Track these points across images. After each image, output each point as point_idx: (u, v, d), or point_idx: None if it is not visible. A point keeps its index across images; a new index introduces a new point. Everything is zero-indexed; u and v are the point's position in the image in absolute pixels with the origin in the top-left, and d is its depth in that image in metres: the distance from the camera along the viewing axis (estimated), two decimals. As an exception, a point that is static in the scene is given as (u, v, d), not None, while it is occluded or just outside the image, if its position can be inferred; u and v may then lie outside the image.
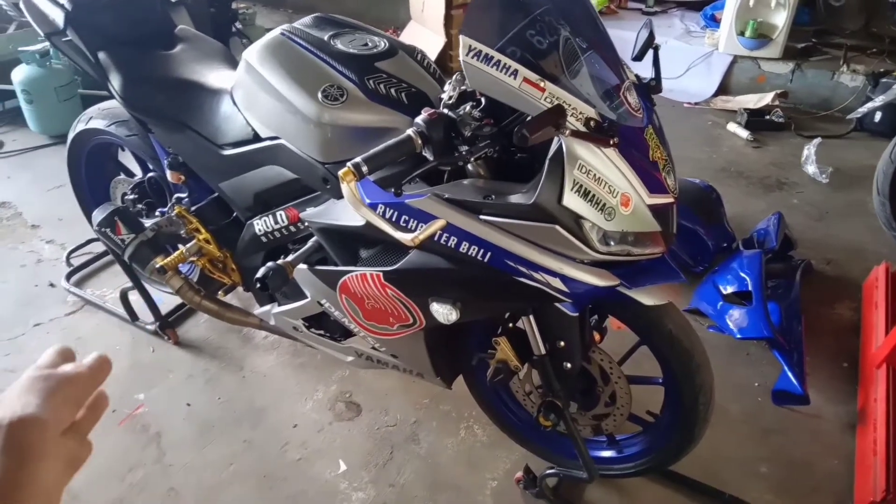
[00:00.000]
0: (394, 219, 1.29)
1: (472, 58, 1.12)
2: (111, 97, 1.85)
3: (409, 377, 1.74)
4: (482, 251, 1.23)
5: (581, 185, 1.13)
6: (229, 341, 2.32)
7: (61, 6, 1.73)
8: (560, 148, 1.13)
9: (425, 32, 4.78)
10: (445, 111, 1.20)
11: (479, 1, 1.15)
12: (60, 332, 2.37)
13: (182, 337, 2.33)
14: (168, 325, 2.31)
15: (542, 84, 1.11)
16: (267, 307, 1.84)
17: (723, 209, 2.63)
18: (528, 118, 1.11)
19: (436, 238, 1.24)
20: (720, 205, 2.64)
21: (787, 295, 2.34)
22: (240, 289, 2.03)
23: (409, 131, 1.15)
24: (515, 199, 1.18)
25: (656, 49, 1.39)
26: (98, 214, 1.92)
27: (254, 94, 1.51)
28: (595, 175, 1.14)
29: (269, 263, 1.53)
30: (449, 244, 1.25)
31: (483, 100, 1.20)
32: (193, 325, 2.38)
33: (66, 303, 2.52)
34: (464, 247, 1.24)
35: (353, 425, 1.99)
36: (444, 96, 1.26)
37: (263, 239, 1.73)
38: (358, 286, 1.47)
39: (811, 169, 3.34)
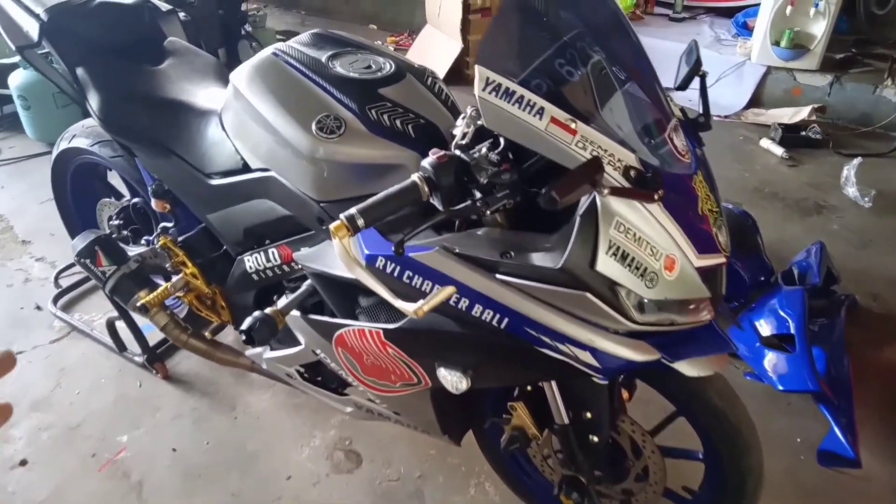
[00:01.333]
0: (395, 274, 1.11)
1: (490, 93, 0.93)
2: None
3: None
4: (498, 316, 1.04)
5: (618, 247, 0.94)
6: (222, 376, 2.15)
7: (36, 16, 1.56)
8: (593, 202, 0.94)
9: (441, 37, 4.59)
10: (457, 153, 1.01)
11: (497, 24, 0.96)
12: (44, 362, 2.21)
13: (171, 370, 2.17)
14: (156, 357, 2.15)
15: (572, 125, 0.92)
16: (258, 350, 1.66)
17: (760, 238, 2.42)
18: (556, 171, 0.92)
19: (444, 299, 1.06)
20: (756, 233, 2.43)
21: (830, 336, 2.13)
22: (231, 327, 1.86)
23: (415, 177, 0.96)
24: (539, 259, 0.99)
25: (703, 77, 1.19)
26: (79, 243, 1.75)
27: (242, 121, 1.34)
28: (635, 234, 0.95)
29: (256, 313, 1.36)
30: (459, 306, 1.06)
31: (502, 140, 1.02)
32: (184, 357, 2.21)
33: (53, 328, 2.36)
34: (477, 310, 1.05)
35: (353, 478, 1.82)
36: (457, 134, 1.07)
37: (255, 277, 1.55)
38: (356, 341, 1.29)
39: (851, 191, 3.11)
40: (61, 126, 2.83)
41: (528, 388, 1.34)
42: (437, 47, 4.57)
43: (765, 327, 2.06)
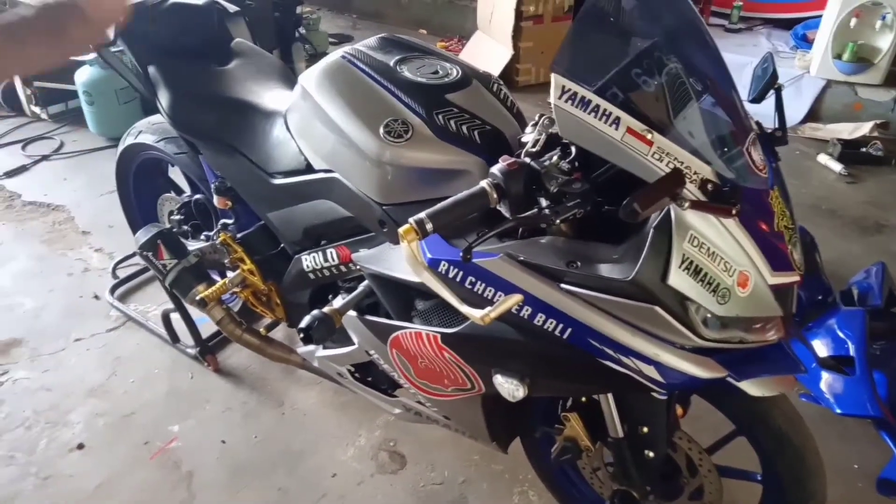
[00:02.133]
0: (458, 279, 1.11)
1: (566, 101, 0.92)
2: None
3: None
4: (561, 326, 1.03)
5: (691, 262, 0.92)
6: (270, 371, 2.18)
7: (113, 16, 1.62)
8: (667, 214, 0.92)
9: (491, 44, 4.60)
10: (527, 160, 1.01)
11: (575, 31, 0.95)
12: (100, 350, 2.28)
13: (222, 363, 2.21)
14: (208, 349, 2.19)
15: (649, 136, 0.91)
16: (311, 347, 1.68)
17: (818, 256, 2.35)
18: (625, 182, 0.91)
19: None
20: (815, 251, 2.36)
21: (892, 360, 2.05)
22: (284, 323, 1.89)
23: (484, 183, 0.97)
24: (607, 270, 0.98)
25: (779, 90, 1.17)
26: (142, 236, 1.81)
27: (309, 122, 1.36)
28: (709, 250, 0.93)
29: (315, 312, 1.37)
30: (522, 314, 1.06)
31: (573, 148, 1.01)
32: (234, 351, 2.25)
33: (109, 317, 2.43)
34: (539, 319, 1.05)
35: (397, 479, 1.82)
36: (528, 141, 1.07)
37: (311, 276, 1.57)
38: (411, 344, 1.30)
39: (914, 211, 3.00)
40: (122, 121, 2.94)
41: (583, 399, 1.33)
42: (487, 53, 4.57)
43: (822, 348, 2.00)
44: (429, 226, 0.92)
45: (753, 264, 0.95)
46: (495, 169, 0.98)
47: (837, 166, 3.43)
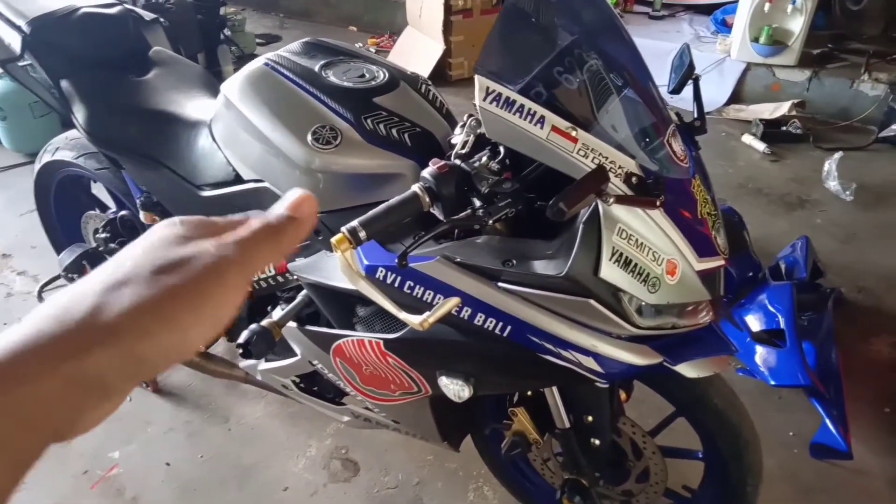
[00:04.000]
0: (396, 284, 1.10)
1: (491, 102, 0.93)
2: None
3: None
4: (501, 324, 1.04)
5: (621, 254, 0.94)
6: (214, 388, 2.12)
7: (18, 28, 1.53)
8: (595, 209, 0.94)
9: (423, 39, 4.59)
10: (458, 162, 1.01)
11: (496, 33, 0.95)
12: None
13: (162, 383, 2.14)
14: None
15: (573, 133, 0.93)
16: (252, 361, 1.64)
17: (747, 234, 2.45)
18: (555, 178, 0.92)
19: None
20: (743, 229, 2.46)
21: (818, 330, 2.16)
22: (224, 339, 1.84)
23: (415, 188, 0.96)
24: (542, 267, 0.99)
25: (696, 80, 1.20)
26: (66, 257, 1.73)
27: (234, 132, 1.32)
28: (637, 240, 0.95)
29: (253, 326, 1.34)
30: (462, 315, 1.06)
31: (502, 148, 1.01)
32: (174, 369, 2.18)
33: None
34: (479, 319, 1.05)
35: (350, 487, 1.80)
36: (456, 143, 1.07)
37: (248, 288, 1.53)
38: (354, 351, 1.28)
39: (833, 185, 3.15)
40: (39, 136, 2.79)
41: (529, 393, 1.35)
42: (418, 49, 4.56)
43: (755, 323, 2.09)
44: (362, 234, 0.91)
45: (680, 252, 0.98)
46: (426, 172, 0.98)
47: (761, 146, 3.57)
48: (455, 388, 1.17)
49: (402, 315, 0.92)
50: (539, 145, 0.93)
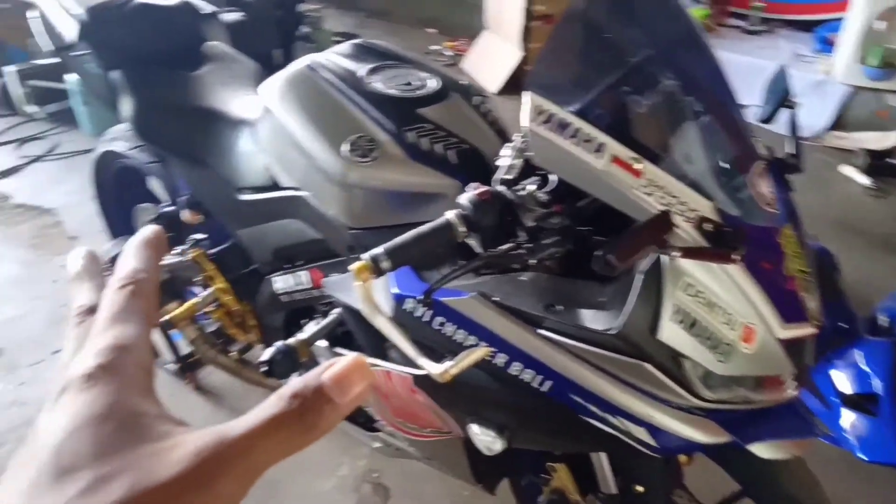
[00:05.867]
0: (426, 319, 0.98)
1: (541, 124, 0.79)
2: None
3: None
4: (540, 378, 0.91)
5: (686, 313, 0.79)
6: (252, 393, 2.05)
7: (76, 17, 1.51)
8: (658, 258, 0.79)
9: (500, 44, 4.46)
10: (501, 189, 0.88)
11: (553, 44, 0.82)
12: (78, 364, 2.18)
13: (203, 382, 2.10)
14: (188, 367, 2.07)
15: (637, 165, 0.78)
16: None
17: (840, 279, 2.19)
18: (616, 214, 0.78)
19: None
20: (836, 273, 2.20)
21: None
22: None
23: (449, 215, 0.84)
24: (590, 318, 0.85)
25: (793, 108, 1.03)
26: (112, 249, 1.71)
27: (272, 136, 1.24)
28: (707, 299, 0.79)
29: (279, 344, 1.25)
30: (496, 362, 0.93)
31: (553, 176, 0.88)
32: (215, 369, 2.14)
33: (91, 329, 2.34)
34: (515, 368, 0.92)
35: (378, 515, 1.70)
36: (501, 166, 0.94)
37: (283, 298, 1.46)
38: (383, 382, 1.17)
39: (946, 227, 2.82)
40: (118, 123, 2.84)
41: (572, 447, 1.20)
42: (495, 54, 4.43)
43: (844, 383, 1.84)
44: (385, 264, 0.81)
45: (760, 316, 0.81)
46: (463, 198, 0.86)
47: (863, 179, 3.24)
48: (486, 440, 1.04)
49: (421, 361, 0.81)
50: (594, 177, 0.79)
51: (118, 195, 2.06)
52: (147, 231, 0.32)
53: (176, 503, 0.22)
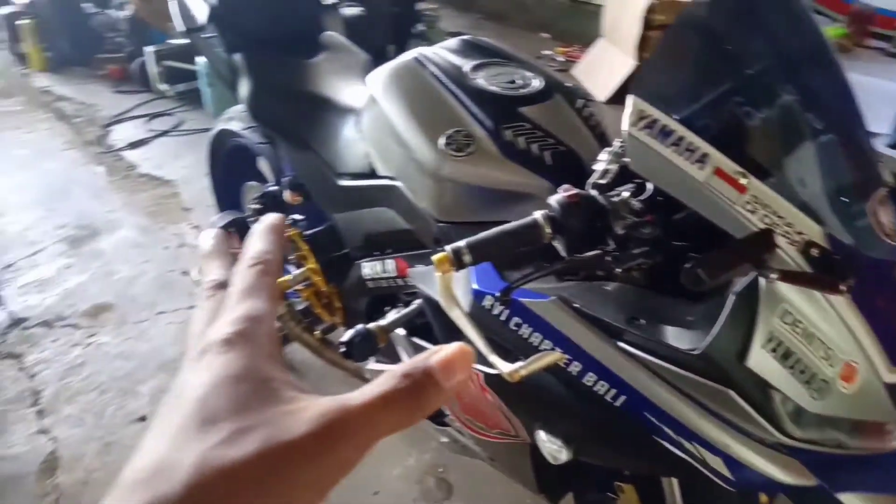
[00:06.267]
0: (503, 318, 0.97)
1: (642, 129, 0.77)
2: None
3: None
4: (614, 391, 0.88)
5: (780, 342, 0.74)
6: (334, 373, 2.11)
7: (208, 1, 1.61)
8: (755, 280, 0.75)
9: (614, 52, 4.35)
10: (594, 193, 0.86)
11: (664, 48, 0.79)
12: (179, 326, 2.33)
13: (288, 356, 2.19)
14: (282, 339, 2.17)
15: (743, 181, 0.74)
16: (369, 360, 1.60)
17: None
18: (714, 231, 0.74)
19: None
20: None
21: None
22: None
23: (537, 215, 0.83)
24: (674, 335, 0.82)
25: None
26: (217, 221, 1.81)
27: (374, 125, 1.27)
28: (806, 330, 0.74)
29: (359, 327, 1.28)
30: (570, 370, 0.91)
31: (650, 185, 0.85)
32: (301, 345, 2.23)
33: (193, 295, 2.49)
34: (589, 378, 0.90)
35: (439, 510, 1.71)
36: (596, 170, 0.92)
37: (369, 284, 1.49)
38: (455, 377, 1.18)
39: None
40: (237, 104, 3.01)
41: (642, 469, 1.15)
42: (607, 62, 4.33)
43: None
44: (466, 258, 0.81)
45: (865, 355, 0.75)
46: (553, 199, 0.84)
47: None
48: (552, 448, 1.02)
49: (492, 358, 0.80)
50: (693, 188, 0.75)
51: (229, 172, 2.18)
52: (271, 217, 0.35)
53: (304, 458, 0.25)
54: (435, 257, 0.81)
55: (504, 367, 0.78)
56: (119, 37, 4.46)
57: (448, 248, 0.81)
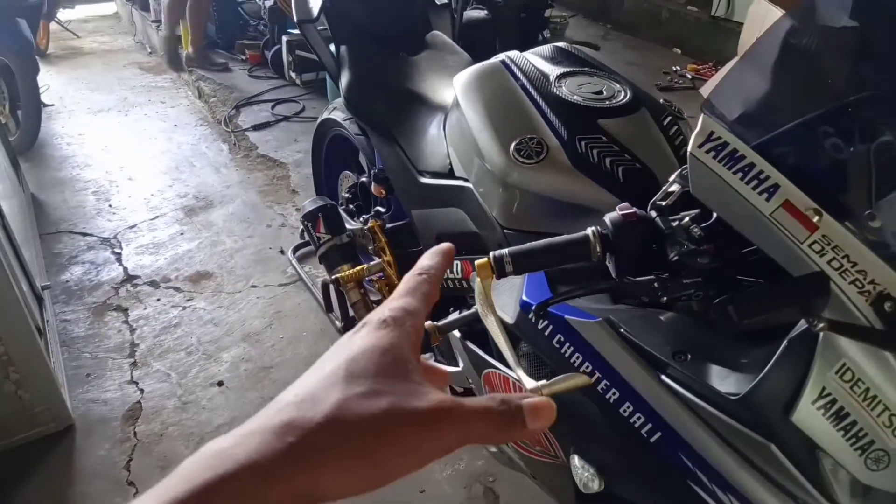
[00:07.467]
0: (547, 332, 0.94)
1: (709, 151, 0.71)
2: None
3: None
4: (650, 426, 0.83)
5: (834, 400, 0.66)
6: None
7: (322, -6, 1.69)
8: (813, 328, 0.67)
9: (747, 77, 4.10)
10: (651, 214, 0.81)
11: (744, 65, 0.73)
12: (267, 301, 2.46)
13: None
14: (351, 325, 2.22)
15: (815, 218, 0.67)
16: (426, 354, 1.61)
17: None
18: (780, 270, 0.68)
19: (591, 377, 0.88)
20: None
21: None
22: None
23: (589, 231, 0.79)
24: (718, 376, 0.76)
25: None
26: (308, 206, 1.88)
27: (454, 126, 1.28)
28: (868, 391, 0.66)
29: (416, 322, 1.29)
30: (607, 396, 0.86)
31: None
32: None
33: (285, 273, 2.61)
34: (626, 409, 0.85)
35: (482, 520, 1.69)
36: (660, 191, 0.86)
37: (438, 283, 1.50)
38: (500, 386, 1.16)
39: None
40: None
41: None
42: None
43: None
44: (508, 267, 0.78)
45: (938, 428, 0.65)
46: (608, 217, 0.80)
47: None
48: (584, 475, 0.97)
49: (519, 372, 0.77)
50: (756, 220, 0.69)
51: (330, 159, 2.27)
52: (443, 246, 0.44)
53: (417, 428, 0.31)
54: (477, 262, 0.80)
55: (528, 382, 0.74)
56: (261, 24, 4.76)
57: (491, 253, 0.80)
